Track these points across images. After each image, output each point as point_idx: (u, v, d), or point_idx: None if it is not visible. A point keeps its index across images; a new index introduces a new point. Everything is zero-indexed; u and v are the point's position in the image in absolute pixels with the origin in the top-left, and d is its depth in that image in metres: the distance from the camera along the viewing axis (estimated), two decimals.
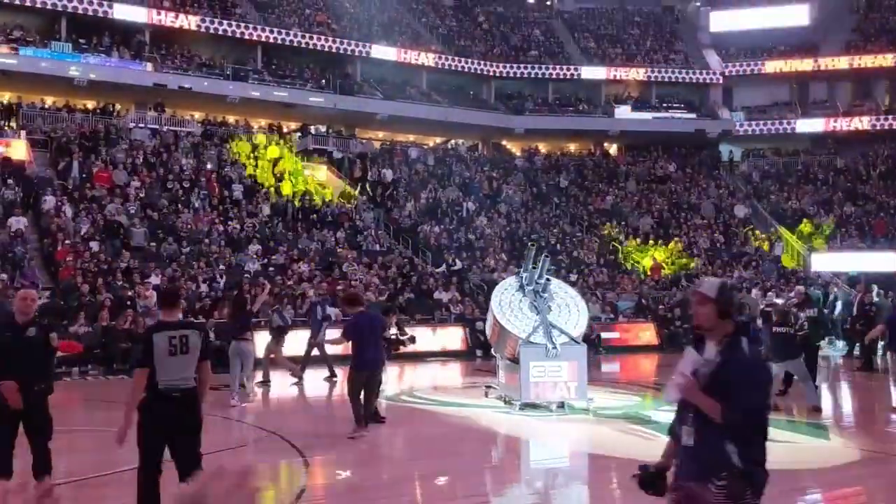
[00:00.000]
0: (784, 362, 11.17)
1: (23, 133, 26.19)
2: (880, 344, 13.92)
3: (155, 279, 18.54)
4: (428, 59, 37.68)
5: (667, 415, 10.65)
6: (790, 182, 37.30)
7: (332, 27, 37.01)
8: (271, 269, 21.35)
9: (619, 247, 30.50)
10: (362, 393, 8.83)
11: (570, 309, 11.38)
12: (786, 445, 9.06)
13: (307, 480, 7.45)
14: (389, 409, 11.04)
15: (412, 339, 11.16)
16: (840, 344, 21.39)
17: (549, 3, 46.66)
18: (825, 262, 30.94)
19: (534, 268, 11.42)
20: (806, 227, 32.52)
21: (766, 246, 31.83)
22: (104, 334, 14.64)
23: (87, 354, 14.37)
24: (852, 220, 33.15)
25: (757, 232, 33.04)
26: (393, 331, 10.66)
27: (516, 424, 10.22)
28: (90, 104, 30.90)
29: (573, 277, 25.47)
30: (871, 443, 9.21)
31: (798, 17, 42.09)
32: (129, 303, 16.75)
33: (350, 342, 9.01)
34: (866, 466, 8.12)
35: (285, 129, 34.43)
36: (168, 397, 5.28)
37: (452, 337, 19.53)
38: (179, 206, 23.64)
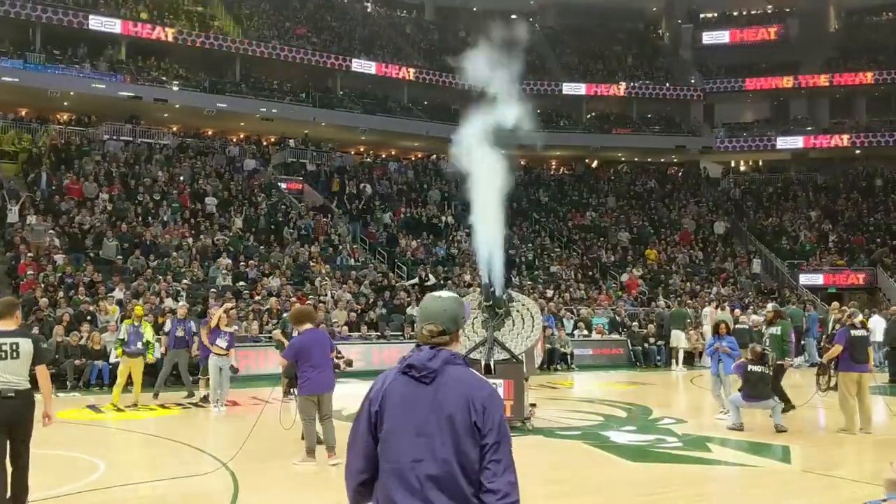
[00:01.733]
0: (759, 402, 10.98)
1: None
2: None
3: (119, 293, 18.18)
4: (409, 73, 37.54)
5: (626, 436, 10.47)
6: (770, 199, 37.32)
7: (313, 40, 36.85)
8: (241, 283, 21.02)
9: (598, 262, 30.30)
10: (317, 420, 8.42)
11: (525, 320, 11.15)
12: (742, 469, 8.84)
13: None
14: (337, 428, 10.71)
15: (348, 363, 10.83)
16: (798, 360, 21.21)
17: (530, 18, 46.65)
18: (806, 278, 30.97)
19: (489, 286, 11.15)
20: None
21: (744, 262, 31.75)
22: (57, 350, 14.26)
23: None
24: (831, 237, 33.13)
25: (736, 248, 32.98)
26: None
27: None
28: (64, 116, 30.59)
29: (549, 293, 25.30)
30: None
31: (779, 35, 42.28)
32: (88, 318, 16.36)
33: (296, 363, 8.58)
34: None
35: (264, 142, 34.22)
36: (4, 397, 5.82)
37: None
38: (150, 218, 23.29)
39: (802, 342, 21.69)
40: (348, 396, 13.62)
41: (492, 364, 10.28)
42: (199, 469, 8.14)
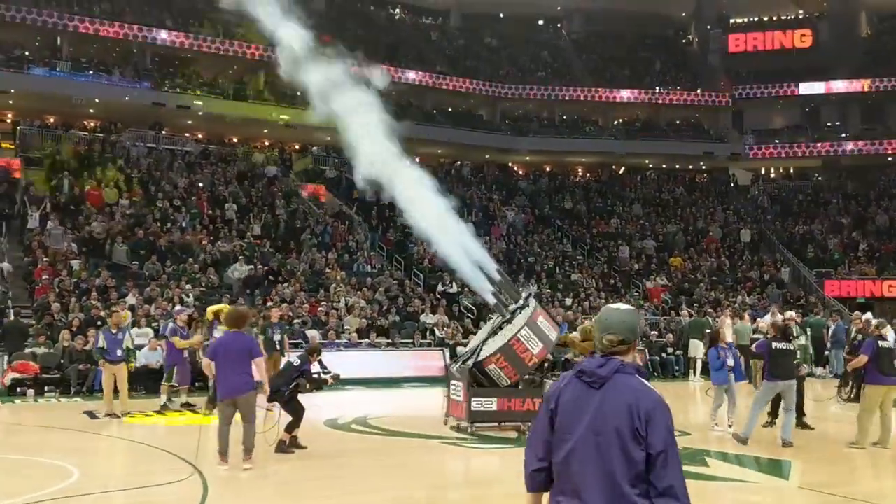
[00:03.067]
0: (785, 381, 10.61)
1: (17, 151, 26.24)
2: None
3: (131, 298, 18.27)
4: (432, 79, 37.47)
5: None
6: (800, 206, 36.63)
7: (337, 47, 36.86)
8: (255, 290, 21.05)
9: (621, 270, 29.91)
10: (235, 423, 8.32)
11: (514, 327, 11.06)
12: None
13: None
14: (328, 436, 10.62)
15: (336, 378, 10.72)
16: (819, 370, 20.75)
17: (558, 24, 46.44)
18: (834, 288, 30.31)
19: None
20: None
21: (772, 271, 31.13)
22: (62, 355, 14.35)
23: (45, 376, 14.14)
24: (861, 245, 32.39)
25: (764, 257, 32.36)
26: (316, 369, 10.25)
27: (437, 456, 9.67)
28: (91, 123, 30.99)
29: (568, 301, 25.01)
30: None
31: (810, 40, 41.52)
32: (98, 322, 16.44)
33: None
34: None
35: (287, 149, 34.34)
36: None
37: (430, 362, 18.93)
38: (168, 224, 23.43)
39: (826, 353, 21.20)
40: (346, 404, 13.64)
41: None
42: (174, 476, 8.05)
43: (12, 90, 28.02)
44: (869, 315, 18.58)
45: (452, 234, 11.35)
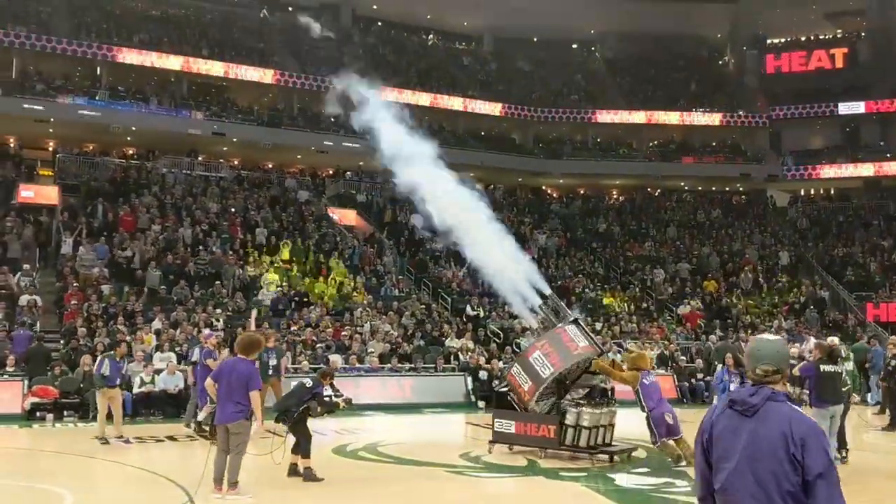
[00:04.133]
0: (833, 406, 10.21)
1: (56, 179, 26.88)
2: None
3: (157, 323, 18.49)
4: (462, 104, 37.56)
5: (635, 478, 9.94)
6: (840, 227, 35.86)
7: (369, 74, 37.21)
8: (282, 314, 21.18)
9: (653, 294, 29.49)
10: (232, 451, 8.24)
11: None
12: None
13: None
14: (332, 463, 10.56)
15: (348, 402, 10.64)
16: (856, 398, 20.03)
17: (592, 47, 46.36)
18: (876, 312, 29.51)
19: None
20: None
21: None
22: (83, 380, 14.54)
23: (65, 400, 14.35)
24: None
25: (802, 280, 31.67)
26: (328, 392, 10.18)
27: (438, 485, 9.48)
28: (129, 150, 31.65)
29: (598, 326, 24.68)
30: None
31: (848, 59, 40.86)
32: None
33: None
34: None
35: (320, 174, 34.66)
36: None
37: (453, 387, 18.78)
38: (200, 248, 23.71)
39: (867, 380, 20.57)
40: (361, 431, 13.56)
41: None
42: (164, 502, 8.05)
43: (52, 119, 28.73)
44: None
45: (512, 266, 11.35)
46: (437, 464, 10.57)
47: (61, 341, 17.52)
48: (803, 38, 42.95)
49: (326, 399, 10.13)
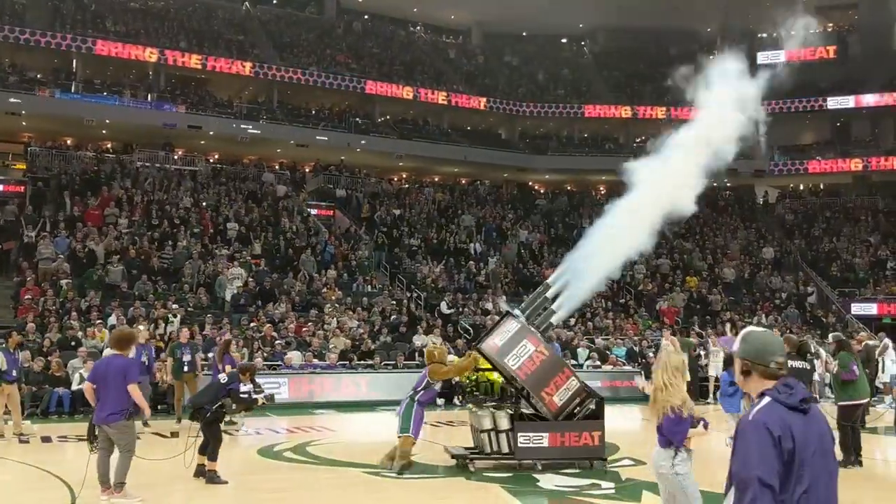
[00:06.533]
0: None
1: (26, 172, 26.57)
2: None
3: (113, 319, 18.15)
4: (449, 98, 37.19)
5: (561, 479, 9.51)
6: (827, 222, 35.42)
7: (352, 67, 36.89)
8: (250, 309, 20.85)
9: (632, 290, 29.10)
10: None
11: None
12: None
13: None
14: (252, 464, 10.20)
15: (269, 398, 10.25)
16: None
17: (582, 42, 45.97)
18: (859, 308, 29.13)
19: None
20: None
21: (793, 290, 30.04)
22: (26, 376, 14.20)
23: None
24: (889, 263, 31.12)
25: (785, 276, 31.25)
26: (246, 387, 9.74)
27: (343, 490, 9.03)
28: (106, 144, 31.33)
29: (571, 321, 24.29)
30: None
31: (839, 54, 40.36)
32: (73, 343, 16.36)
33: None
34: None
35: (299, 169, 34.31)
36: None
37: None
38: (168, 243, 23.34)
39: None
40: (299, 429, 13.14)
41: None
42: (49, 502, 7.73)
43: (23, 112, 28.39)
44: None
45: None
46: (359, 465, 10.18)
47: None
48: (793, 33, 42.36)
49: (244, 395, 9.77)
